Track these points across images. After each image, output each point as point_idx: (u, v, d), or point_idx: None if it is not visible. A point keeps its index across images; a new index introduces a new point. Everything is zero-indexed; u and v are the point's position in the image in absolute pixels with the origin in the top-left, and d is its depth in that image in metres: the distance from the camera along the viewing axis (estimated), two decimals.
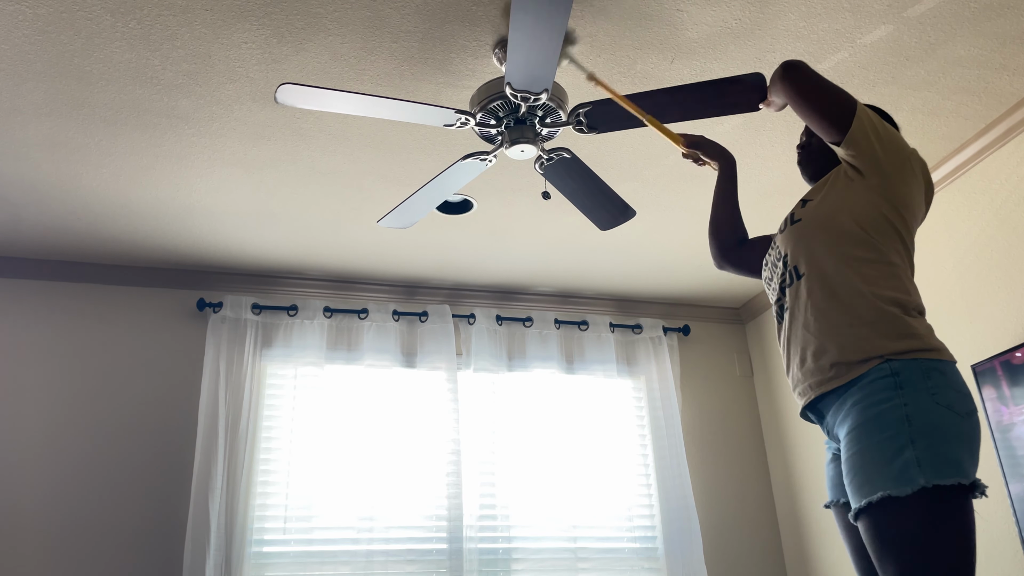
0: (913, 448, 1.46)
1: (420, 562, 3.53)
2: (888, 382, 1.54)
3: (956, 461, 1.46)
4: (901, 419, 1.50)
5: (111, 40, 2.35)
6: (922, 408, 1.50)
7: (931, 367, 1.55)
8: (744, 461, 4.21)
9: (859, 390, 1.58)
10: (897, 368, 1.55)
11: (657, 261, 3.90)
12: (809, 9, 2.35)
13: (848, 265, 1.68)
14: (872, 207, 1.71)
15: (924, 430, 1.48)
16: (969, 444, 1.50)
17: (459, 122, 2.33)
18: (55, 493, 3.33)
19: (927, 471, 1.44)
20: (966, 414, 1.52)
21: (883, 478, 1.47)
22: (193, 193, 3.17)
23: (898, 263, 1.70)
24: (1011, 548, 2.77)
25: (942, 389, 1.52)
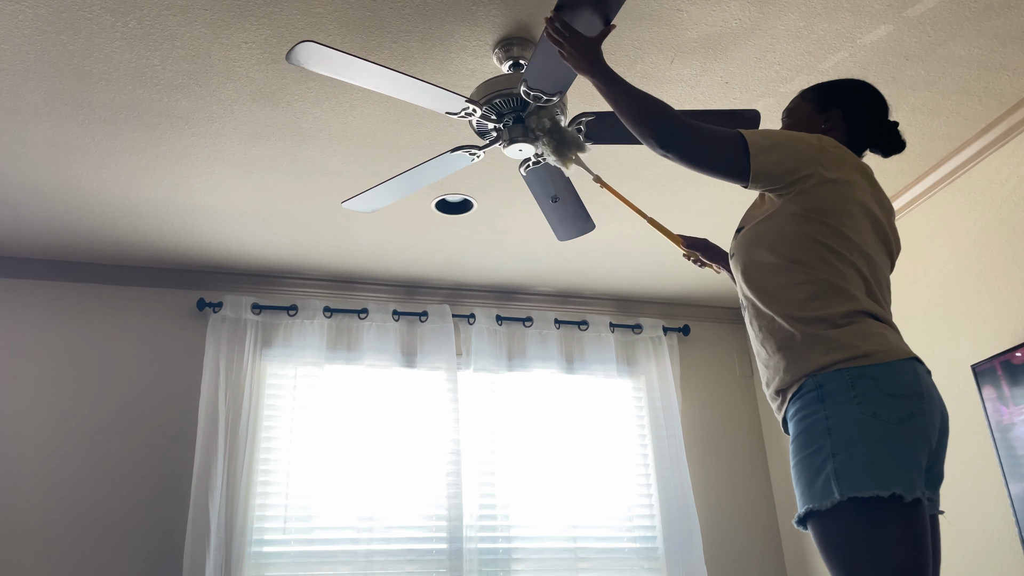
0: (833, 461, 1.46)
1: (420, 562, 3.53)
2: (812, 396, 1.54)
3: (877, 472, 1.43)
4: (823, 432, 1.50)
5: (111, 40, 2.35)
6: (843, 419, 1.49)
7: (858, 375, 1.52)
8: (744, 461, 4.21)
9: (792, 405, 1.60)
10: (821, 381, 1.54)
11: (657, 261, 3.90)
12: (809, 9, 2.35)
13: (768, 295, 1.68)
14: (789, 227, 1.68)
15: (844, 442, 1.47)
16: (900, 452, 1.46)
17: (464, 111, 2.32)
18: (55, 493, 3.32)
19: (844, 484, 1.44)
20: (899, 420, 1.48)
21: (809, 492, 1.49)
22: (193, 193, 3.17)
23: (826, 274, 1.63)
24: (1011, 548, 2.77)
25: (869, 396, 1.49)
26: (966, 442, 2.97)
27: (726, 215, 3.47)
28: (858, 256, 1.66)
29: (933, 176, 3.17)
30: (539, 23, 2.35)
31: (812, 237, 1.66)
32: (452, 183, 3.17)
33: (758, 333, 1.71)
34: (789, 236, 1.67)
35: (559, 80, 2.18)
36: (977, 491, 2.92)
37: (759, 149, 1.68)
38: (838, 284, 1.62)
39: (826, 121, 1.86)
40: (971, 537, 2.93)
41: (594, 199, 3.31)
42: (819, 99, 1.90)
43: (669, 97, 2.69)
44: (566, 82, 2.20)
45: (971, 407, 2.96)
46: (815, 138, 1.74)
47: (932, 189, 3.21)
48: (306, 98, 2.64)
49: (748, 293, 1.74)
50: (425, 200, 3.29)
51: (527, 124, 2.31)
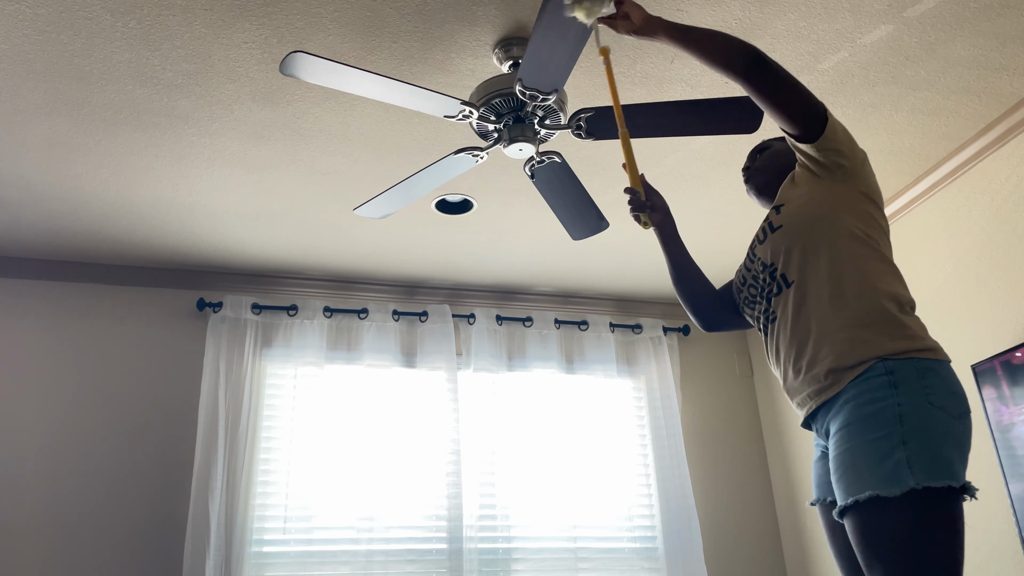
0: (905, 448, 1.45)
1: (420, 562, 3.53)
2: (883, 380, 1.52)
3: (947, 463, 1.45)
4: (894, 419, 1.48)
5: (111, 40, 2.35)
6: (916, 408, 1.49)
7: (927, 367, 1.53)
8: (744, 461, 4.21)
9: (852, 387, 1.56)
10: (893, 367, 1.53)
11: (657, 261, 3.90)
12: (809, 9, 2.35)
13: (844, 264, 1.65)
14: (856, 202, 1.70)
15: (917, 431, 1.46)
16: (960, 446, 1.49)
17: (461, 114, 2.32)
18: (55, 493, 3.32)
19: (918, 472, 1.43)
20: (959, 415, 1.51)
21: (873, 477, 1.46)
22: (193, 193, 3.17)
23: (890, 258, 1.69)
24: (1011, 548, 2.77)
25: (937, 390, 1.51)
26: None
27: (726, 215, 3.47)
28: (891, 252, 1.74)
29: (933, 176, 3.17)
30: None
31: (874, 217, 1.71)
32: (452, 183, 3.17)
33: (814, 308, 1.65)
34: (856, 211, 1.70)
35: (554, 77, 2.17)
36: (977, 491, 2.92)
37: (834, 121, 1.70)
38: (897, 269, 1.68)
39: None
40: (971, 537, 2.93)
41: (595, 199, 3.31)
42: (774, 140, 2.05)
43: (669, 97, 2.69)
44: (561, 79, 2.18)
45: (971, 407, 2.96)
46: None
47: (932, 189, 3.21)
48: (306, 98, 2.64)
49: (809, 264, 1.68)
50: (425, 200, 3.29)
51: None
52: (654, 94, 2.67)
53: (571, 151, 2.98)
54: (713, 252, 3.80)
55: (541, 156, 2.47)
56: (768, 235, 1.79)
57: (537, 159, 2.48)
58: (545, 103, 2.27)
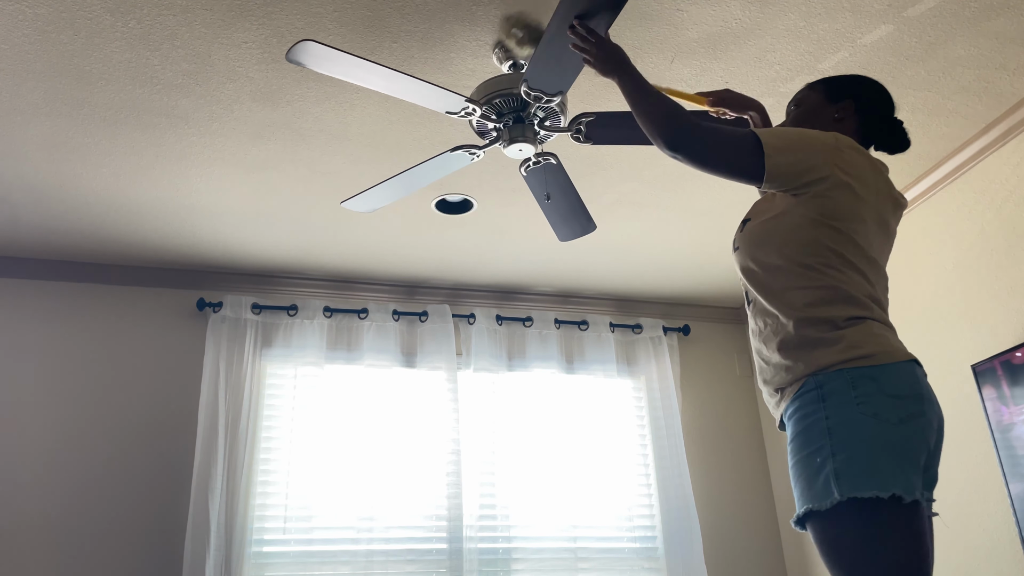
0: (833, 461, 1.46)
1: (420, 562, 3.53)
2: (813, 396, 1.54)
3: (877, 472, 1.43)
4: (823, 432, 1.49)
5: (111, 40, 2.35)
6: (843, 419, 1.48)
7: (859, 375, 1.51)
8: (744, 461, 4.21)
9: (792, 403, 1.59)
10: (821, 381, 1.54)
11: (657, 261, 3.90)
12: (809, 9, 2.35)
13: (773, 295, 1.67)
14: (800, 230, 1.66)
15: (844, 442, 1.46)
16: (899, 453, 1.46)
17: (464, 111, 2.32)
18: (55, 493, 3.32)
19: (843, 484, 1.43)
20: (899, 421, 1.48)
21: (809, 492, 1.48)
22: (193, 193, 3.17)
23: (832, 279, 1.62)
24: (1011, 548, 2.77)
25: (870, 397, 1.49)
26: (966, 442, 2.97)
27: (726, 215, 3.47)
28: (864, 262, 1.66)
29: (933, 176, 3.17)
30: (540, 23, 2.35)
31: (822, 243, 1.64)
32: (452, 183, 3.17)
33: (762, 329, 1.70)
34: (799, 240, 1.66)
35: (560, 80, 2.18)
36: (977, 491, 2.92)
37: (773, 150, 1.66)
38: (844, 289, 1.61)
39: (838, 111, 1.83)
40: (971, 537, 2.93)
41: (595, 199, 3.31)
42: (829, 90, 1.87)
43: None
44: (567, 82, 2.20)
45: (971, 407, 2.96)
46: (831, 137, 1.71)
47: (932, 189, 3.21)
48: (306, 98, 2.64)
49: (752, 290, 1.73)
50: (425, 200, 3.29)
51: None
52: None
53: (572, 150, 2.98)
54: (713, 252, 3.80)
55: (537, 157, 2.48)
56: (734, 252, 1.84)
57: (533, 160, 2.49)
58: (548, 105, 2.28)
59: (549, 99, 2.24)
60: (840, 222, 1.65)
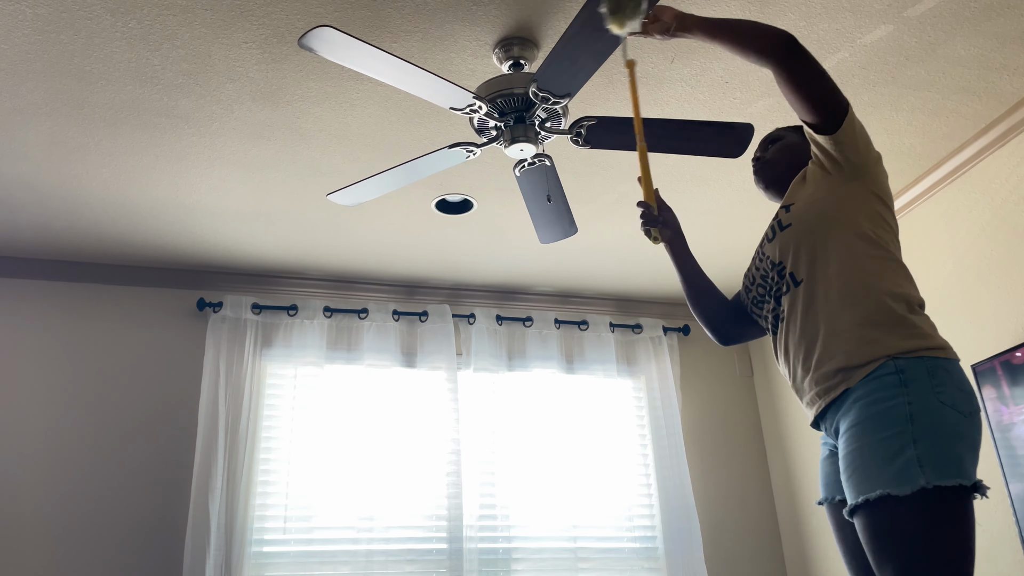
0: (915, 447, 1.45)
1: (420, 562, 3.53)
2: (893, 379, 1.52)
3: (958, 461, 1.45)
4: (904, 417, 1.48)
5: (111, 40, 2.35)
6: (926, 407, 1.48)
7: (937, 365, 1.53)
8: (744, 461, 4.21)
9: (862, 386, 1.56)
10: (903, 366, 1.53)
11: (657, 261, 3.90)
12: (809, 9, 2.35)
13: (853, 263, 1.65)
14: (866, 202, 1.71)
15: (927, 429, 1.46)
16: (971, 444, 1.49)
17: (469, 107, 2.31)
18: (55, 493, 3.32)
19: (929, 471, 1.42)
20: (969, 413, 1.50)
21: (883, 476, 1.45)
22: (193, 193, 3.17)
23: (899, 258, 1.70)
24: (1011, 548, 2.77)
25: (947, 388, 1.51)
26: None
27: (727, 215, 3.47)
28: None
29: (933, 176, 3.17)
30: (540, 23, 2.35)
31: (883, 218, 1.70)
32: (452, 183, 3.17)
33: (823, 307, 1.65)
34: (867, 211, 1.70)
35: (571, 83, 2.18)
36: None
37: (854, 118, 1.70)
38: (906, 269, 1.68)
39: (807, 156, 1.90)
40: None
41: (595, 199, 3.31)
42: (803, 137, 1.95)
43: (669, 97, 2.69)
44: (577, 85, 2.19)
45: None
46: None
47: (932, 189, 3.21)
48: (306, 98, 2.64)
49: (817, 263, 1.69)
50: (425, 200, 3.29)
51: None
52: (654, 94, 2.67)
53: (572, 150, 2.98)
54: (713, 252, 3.80)
55: (534, 158, 2.48)
56: (777, 233, 1.79)
57: (529, 160, 2.49)
58: (553, 106, 2.28)
59: (556, 100, 2.25)
60: (890, 201, 1.75)
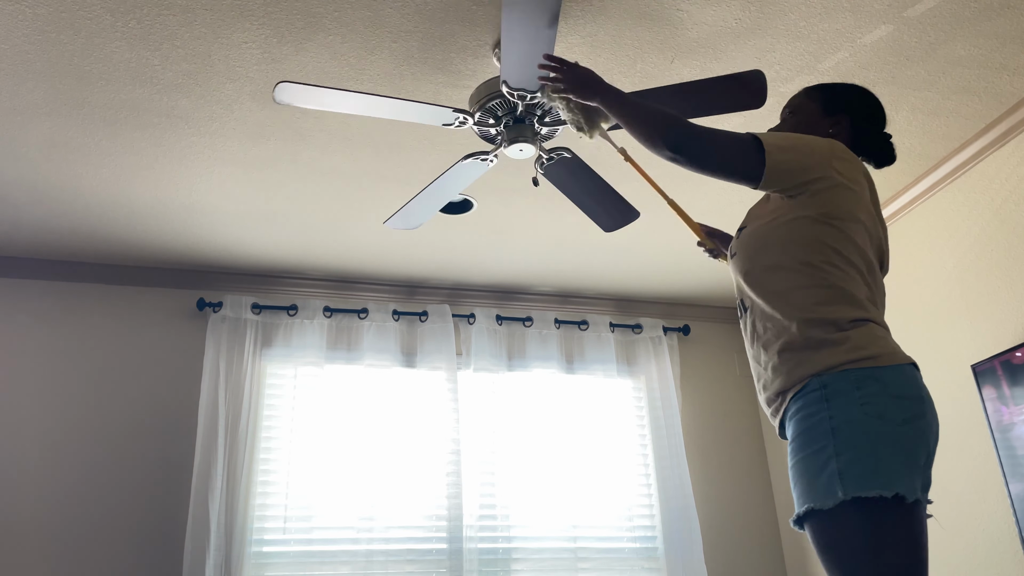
0: (837, 460, 1.46)
1: (420, 562, 3.53)
2: (817, 395, 1.54)
3: (882, 472, 1.44)
4: (827, 432, 1.49)
5: (111, 40, 2.35)
6: (848, 419, 1.49)
7: (864, 376, 1.52)
8: (744, 461, 4.21)
9: (793, 403, 1.59)
10: (826, 381, 1.54)
11: (657, 261, 3.90)
12: (809, 9, 2.35)
13: (776, 297, 1.66)
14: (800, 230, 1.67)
15: (849, 442, 1.47)
16: (903, 453, 1.47)
17: (457, 121, 2.33)
18: (55, 493, 3.32)
19: (848, 483, 1.43)
20: (903, 421, 1.49)
21: (811, 491, 1.49)
22: (193, 193, 3.17)
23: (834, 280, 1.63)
24: (1011, 548, 2.77)
25: (875, 398, 1.50)
26: (966, 442, 2.97)
27: (726, 215, 3.47)
28: (862, 263, 1.67)
29: (933, 176, 3.17)
30: None
31: (823, 241, 1.66)
32: None
33: (762, 334, 1.69)
34: (800, 239, 1.67)
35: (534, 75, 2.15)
36: (977, 491, 2.92)
37: (774, 148, 1.67)
38: (846, 289, 1.63)
39: (833, 125, 1.85)
40: (971, 537, 2.93)
41: None
42: (826, 102, 1.88)
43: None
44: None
45: (971, 407, 2.96)
46: (826, 141, 1.74)
47: (932, 189, 3.21)
48: None
49: (752, 294, 1.72)
50: None
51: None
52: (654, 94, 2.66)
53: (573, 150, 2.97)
54: None
55: (549, 153, 2.47)
56: (729, 258, 1.84)
57: (546, 157, 2.48)
58: (535, 102, 2.27)
59: (534, 95, 2.24)
60: (839, 220, 1.66)
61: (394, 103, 2.21)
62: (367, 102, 2.19)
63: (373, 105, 2.21)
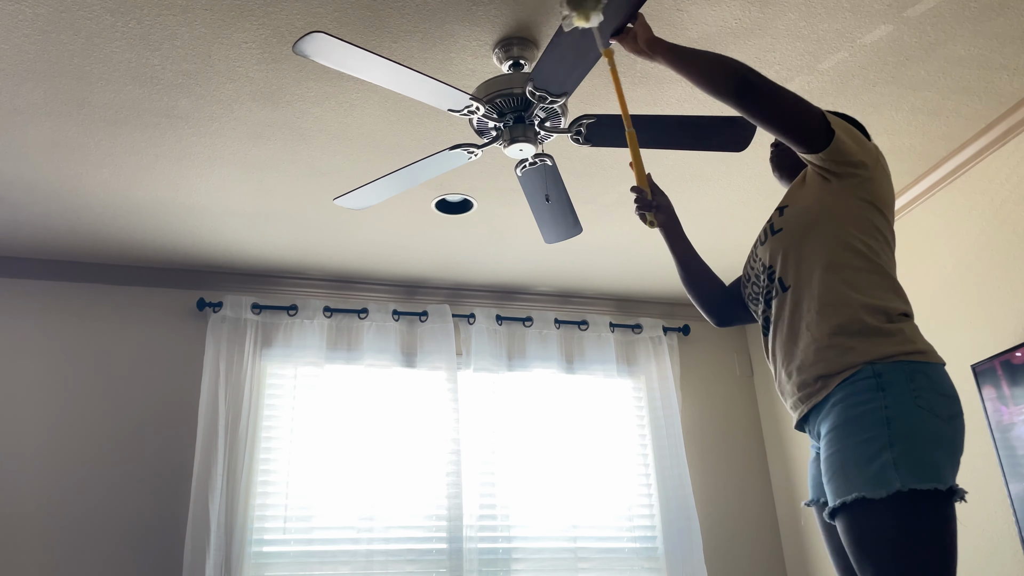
0: (891, 450, 1.46)
1: (420, 562, 3.53)
2: (870, 383, 1.53)
3: (934, 465, 1.45)
4: (881, 421, 1.49)
5: (111, 40, 2.35)
6: (903, 411, 1.49)
7: (915, 369, 1.54)
8: (744, 461, 4.21)
9: (840, 390, 1.57)
10: (880, 370, 1.54)
11: (657, 261, 3.90)
12: (809, 9, 2.35)
13: (834, 274, 1.66)
14: (856, 210, 1.69)
15: (904, 433, 1.47)
16: (949, 448, 1.49)
17: (467, 109, 2.32)
18: (55, 493, 3.32)
19: (904, 474, 1.43)
20: (948, 418, 1.51)
21: (860, 479, 1.47)
22: (193, 193, 3.17)
23: (884, 266, 1.68)
24: (1011, 548, 2.77)
25: (925, 392, 1.51)
26: (966, 442, 2.97)
27: (728, 215, 3.47)
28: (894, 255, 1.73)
29: (933, 176, 3.18)
30: (539, 23, 2.35)
31: (876, 226, 1.69)
32: (452, 183, 3.17)
33: (805, 314, 1.67)
34: (855, 220, 1.69)
35: (566, 81, 2.18)
36: (977, 491, 2.92)
37: (839, 128, 1.69)
38: (891, 278, 1.67)
39: None
40: (971, 537, 2.93)
41: (595, 199, 3.31)
42: None
43: (669, 97, 2.69)
44: (572, 83, 2.19)
45: (971, 407, 2.96)
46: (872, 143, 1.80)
47: (932, 189, 3.21)
48: (306, 98, 2.64)
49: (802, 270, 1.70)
50: (425, 200, 3.29)
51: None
52: (654, 93, 2.67)
53: (572, 150, 2.98)
54: (713, 252, 3.80)
55: (535, 158, 2.47)
56: (768, 237, 1.81)
57: (531, 160, 2.49)
58: (552, 106, 2.28)
59: (554, 99, 2.25)
60: (886, 208, 1.72)
61: (414, 76, 2.14)
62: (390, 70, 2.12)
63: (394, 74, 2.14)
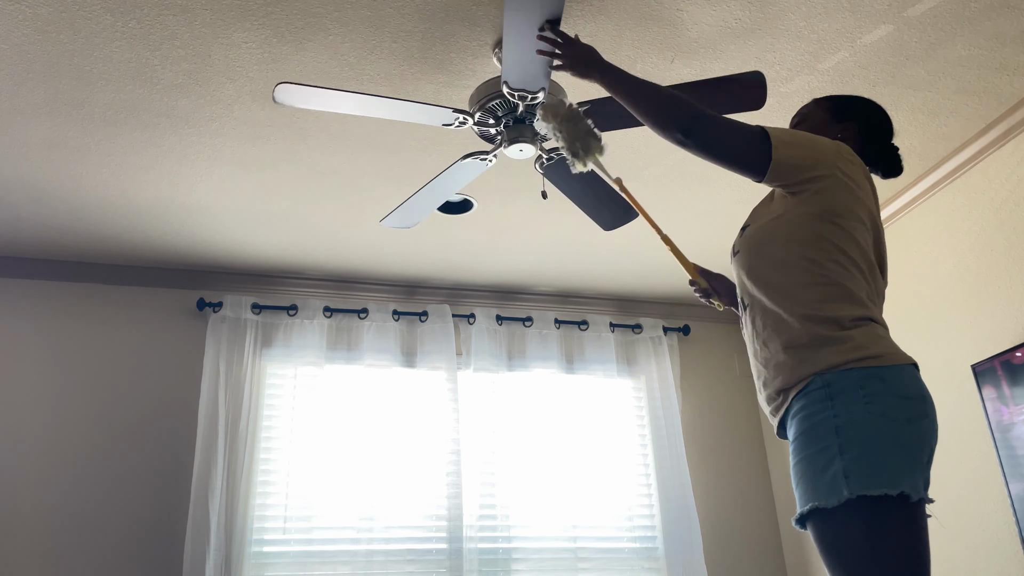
0: (842, 459, 1.46)
1: (420, 562, 3.53)
2: (820, 394, 1.54)
3: (885, 471, 1.44)
4: (831, 430, 1.49)
5: (111, 40, 2.35)
6: (852, 418, 1.49)
7: (868, 375, 1.53)
8: (744, 461, 4.21)
9: (797, 402, 1.59)
10: (829, 380, 1.54)
11: (657, 261, 3.90)
12: (809, 9, 2.35)
13: (779, 293, 1.66)
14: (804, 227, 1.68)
15: (853, 440, 1.47)
16: (907, 451, 1.48)
17: (457, 121, 2.33)
18: (55, 493, 3.32)
19: (853, 482, 1.43)
20: (907, 420, 1.49)
21: (815, 489, 1.48)
22: (193, 193, 3.17)
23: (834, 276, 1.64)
24: (1011, 548, 2.77)
25: (878, 396, 1.50)
26: (966, 442, 2.97)
27: (728, 215, 3.47)
28: (863, 261, 1.68)
29: (933, 176, 3.17)
30: None
31: (825, 238, 1.66)
32: None
33: (761, 331, 1.69)
34: (803, 235, 1.67)
35: (536, 75, 2.15)
36: (977, 491, 2.92)
37: (781, 143, 1.68)
38: (848, 287, 1.63)
39: (841, 132, 1.87)
40: (971, 537, 2.93)
41: None
42: (835, 110, 1.91)
43: None
44: (544, 76, 2.16)
45: (971, 407, 2.96)
46: (832, 142, 1.75)
47: (932, 189, 3.21)
48: None
49: (754, 290, 1.72)
50: None
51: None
52: None
53: None
54: (714, 252, 3.80)
55: (549, 153, 2.47)
56: (732, 258, 1.84)
57: (546, 156, 2.48)
58: (536, 101, 2.26)
59: (534, 96, 2.23)
60: (841, 218, 1.67)
61: (393, 103, 2.21)
62: (366, 103, 2.20)
63: (372, 106, 2.22)
